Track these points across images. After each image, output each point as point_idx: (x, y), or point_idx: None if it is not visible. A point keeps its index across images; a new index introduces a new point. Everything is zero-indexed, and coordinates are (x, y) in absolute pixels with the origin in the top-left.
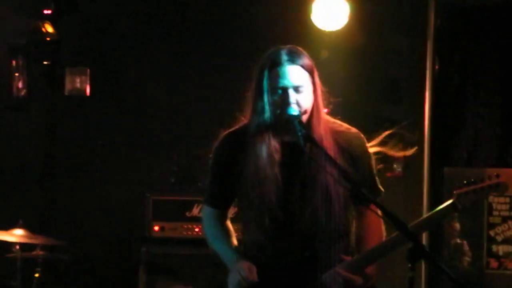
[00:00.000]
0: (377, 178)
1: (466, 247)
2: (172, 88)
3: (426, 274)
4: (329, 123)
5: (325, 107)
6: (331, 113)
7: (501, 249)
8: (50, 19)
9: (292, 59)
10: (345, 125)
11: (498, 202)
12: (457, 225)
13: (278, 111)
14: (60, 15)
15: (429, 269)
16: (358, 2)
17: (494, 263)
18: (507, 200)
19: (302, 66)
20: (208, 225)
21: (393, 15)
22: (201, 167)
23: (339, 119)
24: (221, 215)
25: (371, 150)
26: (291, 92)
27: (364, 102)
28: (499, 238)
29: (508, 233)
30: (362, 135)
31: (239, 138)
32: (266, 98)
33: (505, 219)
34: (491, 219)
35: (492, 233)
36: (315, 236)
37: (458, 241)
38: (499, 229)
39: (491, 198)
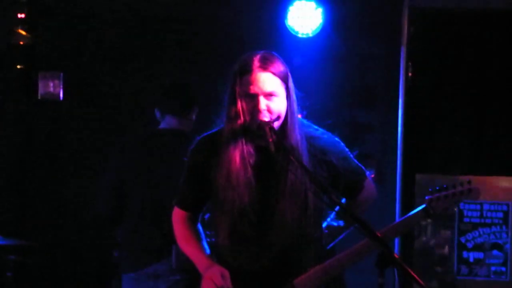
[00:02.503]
0: (360, 174)
1: (446, 252)
2: (147, 93)
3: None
4: (304, 128)
5: (300, 112)
6: (306, 118)
7: (472, 256)
8: (24, 23)
9: (264, 66)
10: (320, 130)
11: (469, 209)
12: (447, 233)
13: (249, 118)
14: (33, 19)
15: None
16: (332, 8)
17: (464, 269)
18: (478, 207)
19: (274, 73)
20: (179, 228)
21: (367, 22)
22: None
23: (313, 123)
24: (193, 218)
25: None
26: (261, 99)
27: (338, 107)
28: (470, 245)
29: (479, 240)
30: (336, 139)
31: (214, 142)
32: (238, 104)
33: (475, 226)
34: (462, 226)
35: (463, 239)
36: (288, 240)
37: (445, 250)
38: (470, 235)
39: (462, 205)
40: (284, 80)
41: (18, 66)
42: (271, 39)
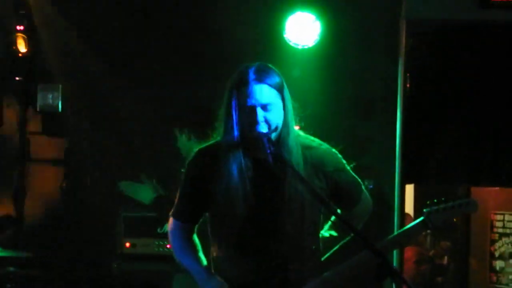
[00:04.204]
0: (356, 186)
1: (445, 263)
2: (146, 104)
3: None
4: (300, 139)
5: (297, 123)
6: (304, 129)
7: (498, 264)
8: (23, 35)
9: (259, 78)
10: (317, 141)
11: (496, 220)
12: (447, 244)
13: (247, 130)
14: (33, 31)
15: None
16: (331, 20)
17: (493, 277)
18: (501, 217)
19: (270, 84)
20: (175, 239)
21: (365, 33)
22: (176, 183)
23: (311, 135)
24: (189, 230)
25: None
26: (259, 110)
27: (337, 118)
28: (496, 254)
29: (502, 249)
30: (333, 150)
31: (212, 154)
32: (235, 117)
33: (500, 236)
34: (492, 236)
35: (492, 248)
36: (287, 252)
37: (445, 261)
38: (496, 245)
39: (492, 216)
40: (280, 91)
41: (17, 78)
42: (270, 50)
